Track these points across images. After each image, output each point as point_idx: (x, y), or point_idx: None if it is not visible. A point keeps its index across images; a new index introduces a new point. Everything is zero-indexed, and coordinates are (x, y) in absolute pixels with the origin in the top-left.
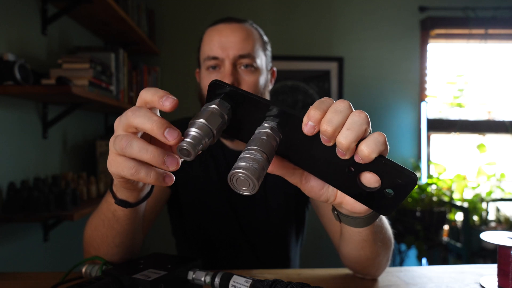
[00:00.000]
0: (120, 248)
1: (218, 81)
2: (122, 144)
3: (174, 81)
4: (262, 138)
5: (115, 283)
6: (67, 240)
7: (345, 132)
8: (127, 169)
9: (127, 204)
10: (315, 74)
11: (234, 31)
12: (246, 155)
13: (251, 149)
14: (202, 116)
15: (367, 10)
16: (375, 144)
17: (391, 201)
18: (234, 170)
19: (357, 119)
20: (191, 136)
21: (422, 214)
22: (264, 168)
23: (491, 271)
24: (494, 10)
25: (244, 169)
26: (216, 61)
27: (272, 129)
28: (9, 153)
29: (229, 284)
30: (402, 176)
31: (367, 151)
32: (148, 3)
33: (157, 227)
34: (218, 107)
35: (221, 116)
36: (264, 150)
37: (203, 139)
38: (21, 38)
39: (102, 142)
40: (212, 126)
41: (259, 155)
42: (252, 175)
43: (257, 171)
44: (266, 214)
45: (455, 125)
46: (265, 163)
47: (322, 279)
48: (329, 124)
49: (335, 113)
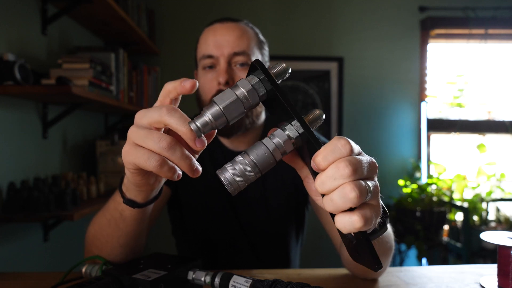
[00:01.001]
0: (124, 249)
1: (257, 65)
2: (154, 139)
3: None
4: (267, 151)
5: (115, 283)
6: (67, 240)
7: (328, 202)
8: (146, 160)
9: (135, 204)
10: (315, 74)
11: (228, 30)
12: (239, 165)
13: (248, 160)
14: (223, 100)
15: (367, 10)
16: (349, 224)
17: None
18: (222, 175)
19: (343, 196)
20: (201, 120)
21: (422, 214)
22: (250, 180)
23: (491, 271)
24: (494, 10)
25: (229, 181)
26: (211, 60)
27: (286, 142)
28: (9, 153)
29: (229, 284)
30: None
31: (338, 225)
32: (148, 3)
33: (157, 227)
34: (248, 93)
35: (244, 103)
36: (260, 165)
37: (212, 124)
38: (21, 38)
39: (102, 142)
40: (228, 114)
41: (250, 171)
42: (234, 189)
43: (240, 186)
44: (266, 214)
45: (455, 125)
46: (253, 177)
47: (322, 279)
48: (321, 186)
49: (331, 179)
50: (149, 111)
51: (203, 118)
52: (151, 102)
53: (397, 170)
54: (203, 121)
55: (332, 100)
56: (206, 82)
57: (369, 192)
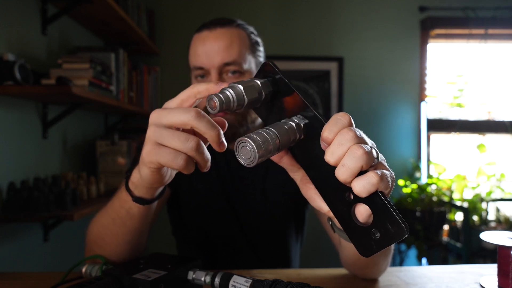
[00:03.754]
0: (128, 246)
1: (272, 64)
2: (180, 139)
3: (174, 81)
4: (284, 127)
5: (115, 283)
6: (67, 240)
7: (341, 169)
8: (172, 159)
9: (145, 201)
10: (315, 74)
11: (217, 39)
12: (263, 132)
13: (270, 130)
14: (243, 83)
15: (367, 10)
16: (367, 183)
17: (374, 244)
18: (245, 137)
19: (353, 156)
20: (224, 94)
21: (422, 214)
22: (271, 152)
23: (491, 271)
24: (494, 10)
25: (253, 141)
26: (202, 71)
27: (298, 126)
28: (9, 153)
29: (229, 284)
30: (394, 222)
31: (357, 189)
32: (148, 3)
33: (157, 227)
34: (261, 85)
35: (259, 93)
36: (280, 137)
37: (233, 103)
38: (21, 38)
39: (102, 142)
40: (247, 96)
41: (273, 138)
42: (258, 151)
43: (263, 151)
44: (266, 214)
45: (455, 125)
46: (275, 148)
47: (322, 279)
48: (331, 156)
49: (339, 145)
50: (171, 112)
51: (226, 93)
52: (151, 102)
53: (397, 170)
54: (226, 97)
55: (332, 100)
56: None
57: (376, 153)
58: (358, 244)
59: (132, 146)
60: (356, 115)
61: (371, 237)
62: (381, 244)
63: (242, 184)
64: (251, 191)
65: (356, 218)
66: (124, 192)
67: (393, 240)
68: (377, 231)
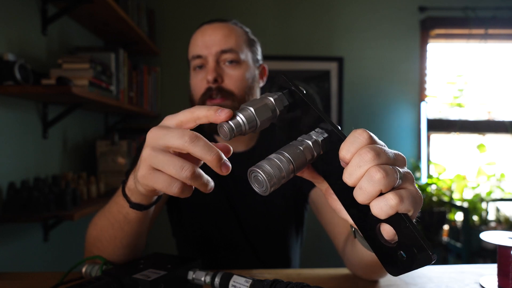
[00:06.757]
0: (126, 249)
1: (285, 77)
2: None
3: (174, 81)
4: (299, 148)
5: (115, 283)
6: (67, 240)
7: (358, 191)
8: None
9: (142, 207)
10: (315, 74)
11: (215, 30)
12: (275, 159)
13: (283, 155)
14: (254, 105)
15: (367, 10)
16: (385, 205)
17: (400, 265)
18: (257, 168)
19: (370, 179)
20: (235, 121)
21: (422, 214)
22: (285, 177)
23: (491, 271)
24: (494, 10)
25: (265, 173)
26: (200, 60)
27: (315, 143)
28: (9, 153)
29: (229, 284)
30: (419, 248)
31: (375, 210)
32: (148, 3)
33: (157, 227)
34: (275, 101)
35: (272, 111)
36: (294, 161)
37: (244, 127)
38: (21, 38)
39: (102, 142)
40: (259, 117)
41: (286, 164)
42: (269, 181)
43: (275, 180)
44: (266, 214)
45: (455, 125)
46: (288, 173)
47: (322, 279)
48: (349, 178)
49: (356, 167)
50: (167, 134)
51: (236, 119)
52: (151, 102)
53: None
54: (236, 122)
55: (332, 100)
56: (197, 82)
57: (397, 174)
58: (385, 263)
59: (132, 146)
60: (356, 115)
61: (398, 258)
62: (407, 267)
63: (242, 184)
64: (251, 191)
65: (381, 235)
66: (121, 197)
67: (419, 266)
68: (403, 253)
